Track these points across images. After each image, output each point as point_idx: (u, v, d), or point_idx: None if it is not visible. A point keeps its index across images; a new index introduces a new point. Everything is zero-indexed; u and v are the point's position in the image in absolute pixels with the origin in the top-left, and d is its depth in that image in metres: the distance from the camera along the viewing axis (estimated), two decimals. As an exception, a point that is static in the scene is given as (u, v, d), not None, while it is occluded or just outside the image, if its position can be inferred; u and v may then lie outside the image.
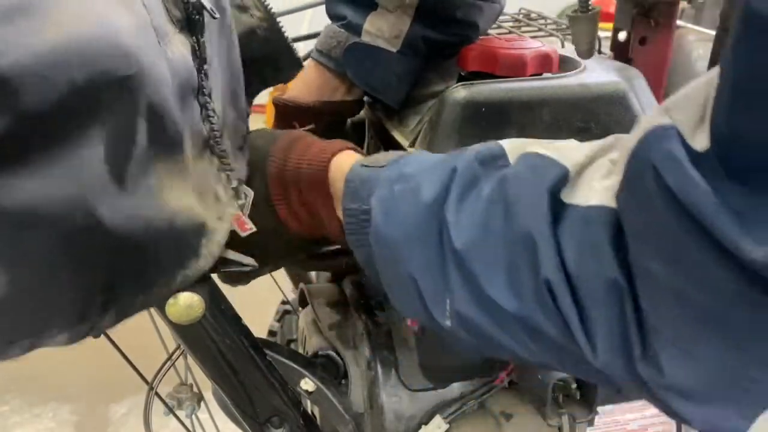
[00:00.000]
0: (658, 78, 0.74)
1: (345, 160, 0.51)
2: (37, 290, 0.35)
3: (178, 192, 0.41)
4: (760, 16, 0.25)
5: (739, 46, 0.26)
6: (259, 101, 0.63)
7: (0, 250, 0.32)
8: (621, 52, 0.74)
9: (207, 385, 0.57)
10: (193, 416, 0.75)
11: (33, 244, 0.33)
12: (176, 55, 0.40)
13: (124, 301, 0.39)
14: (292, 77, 0.65)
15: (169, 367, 0.71)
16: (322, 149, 0.52)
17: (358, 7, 0.64)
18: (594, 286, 0.34)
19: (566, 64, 0.65)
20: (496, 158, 0.42)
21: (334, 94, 0.68)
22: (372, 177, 0.47)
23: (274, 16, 0.56)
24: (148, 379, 0.68)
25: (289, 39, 0.65)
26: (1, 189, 0.31)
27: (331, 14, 0.67)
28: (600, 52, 0.73)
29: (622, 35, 0.74)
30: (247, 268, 0.50)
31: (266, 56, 0.56)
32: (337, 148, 0.52)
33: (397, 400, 0.64)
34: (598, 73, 0.60)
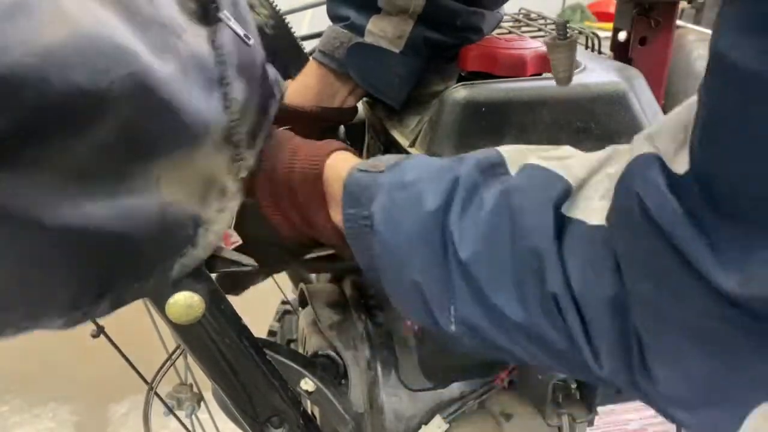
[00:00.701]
0: (658, 78, 0.74)
1: (339, 162, 0.50)
2: (30, 280, 0.35)
3: (178, 184, 0.40)
4: (724, 57, 0.26)
5: (709, 83, 0.28)
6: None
7: None
8: (621, 52, 0.74)
9: (207, 385, 0.57)
10: (193, 416, 0.75)
11: (29, 239, 0.33)
12: (191, 48, 0.40)
13: (119, 290, 0.39)
14: (298, 73, 0.65)
15: (169, 367, 0.71)
16: (314, 150, 0.51)
17: (361, 8, 0.64)
18: (597, 302, 0.35)
19: (566, 64, 0.65)
20: (495, 166, 0.42)
21: (332, 100, 0.68)
22: (371, 183, 0.47)
23: (280, 14, 0.56)
24: (148, 379, 0.68)
25: (296, 36, 0.65)
26: None
27: (332, 15, 0.67)
28: (600, 52, 0.73)
29: (622, 35, 0.74)
30: (247, 267, 0.50)
31: (273, 53, 0.56)
32: (330, 148, 0.51)
33: (397, 400, 0.64)
34: (598, 73, 0.60)
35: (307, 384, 0.58)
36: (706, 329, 0.30)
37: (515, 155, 0.43)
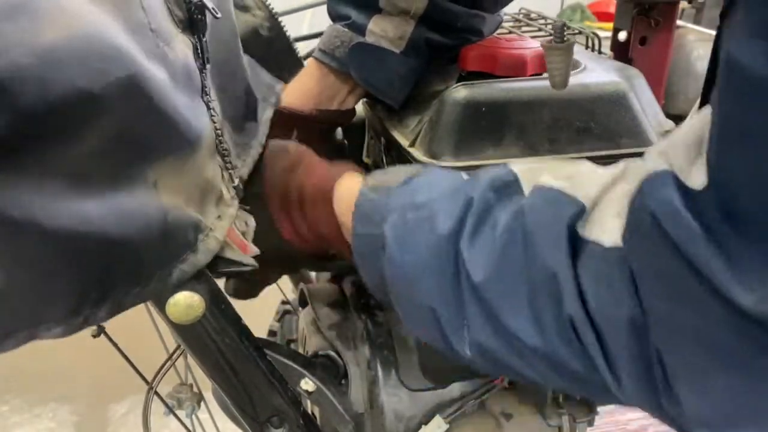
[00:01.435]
0: (658, 78, 0.74)
1: (349, 182, 0.51)
2: (30, 286, 0.35)
3: (175, 190, 0.40)
4: (741, 65, 0.25)
5: (723, 92, 0.27)
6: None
7: None
8: (621, 52, 0.74)
9: (207, 385, 0.57)
10: (193, 416, 0.75)
11: (28, 243, 0.33)
12: (179, 56, 0.40)
13: (119, 295, 0.39)
14: (293, 76, 0.65)
15: (169, 367, 0.71)
16: (326, 173, 0.53)
17: (362, 8, 0.64)
18: (615, 323, 0.34)
19: (566, 64, 0.65)
20: (508, 185, 0.42)
21: (332, 100, 0.68)
22: (382, 203, 0.46)
23: (276, 16, 0.56)
24: (148, 379, 0.68)
25: (291, 38, 0.65)
26: None
27: (333, 14, 0.67)
28: (600, 52, 0.73)
29: (622, 35, 0.74)
30: (248, 267, 0.50)
31: (268, 55, 0.56)
32: (344, 169, 0.53)
33: (397, 400, 0.64)
34: (598, 73, 0.60)
35: (307, 384, 0.58)
36: (725, 347, 0.30)
37: (528, 174, 0.42)
